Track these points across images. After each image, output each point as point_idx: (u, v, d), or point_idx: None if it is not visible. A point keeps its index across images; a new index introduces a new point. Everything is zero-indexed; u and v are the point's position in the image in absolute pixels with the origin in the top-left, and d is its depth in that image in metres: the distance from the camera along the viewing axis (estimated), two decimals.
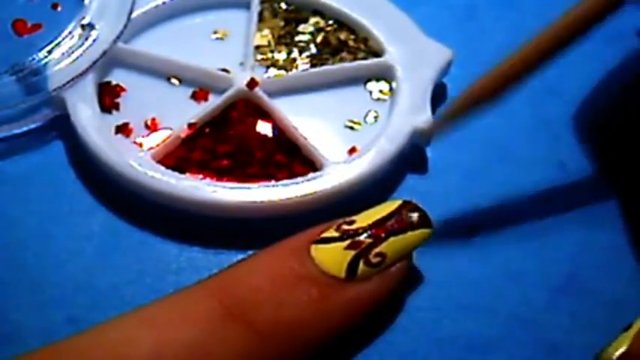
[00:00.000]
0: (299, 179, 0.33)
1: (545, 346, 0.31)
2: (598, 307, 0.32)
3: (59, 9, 0.38)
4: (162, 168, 0.33)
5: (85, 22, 0.37)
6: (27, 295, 0.31)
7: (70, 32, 0.36)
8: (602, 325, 0.31)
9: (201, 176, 0.34)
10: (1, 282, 0.31)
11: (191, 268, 0.32)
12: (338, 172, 0.33)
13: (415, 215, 0.30)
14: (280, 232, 0.30)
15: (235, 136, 0.35)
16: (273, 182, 0.33)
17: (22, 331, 0.30)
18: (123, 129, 0.35)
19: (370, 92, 0.37)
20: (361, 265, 0.29)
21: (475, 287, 0.32)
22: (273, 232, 0.30)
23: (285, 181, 0.33)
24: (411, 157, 0.35)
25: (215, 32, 0.39)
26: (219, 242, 0.33)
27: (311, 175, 0.33)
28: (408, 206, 0.30)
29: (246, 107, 0.36)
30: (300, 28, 0.39)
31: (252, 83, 0.36)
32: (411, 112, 0.35)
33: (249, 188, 0.33)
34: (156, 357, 0.26)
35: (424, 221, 0.30)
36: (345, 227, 0.29)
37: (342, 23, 0.39)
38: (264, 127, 0.35)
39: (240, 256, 0.30)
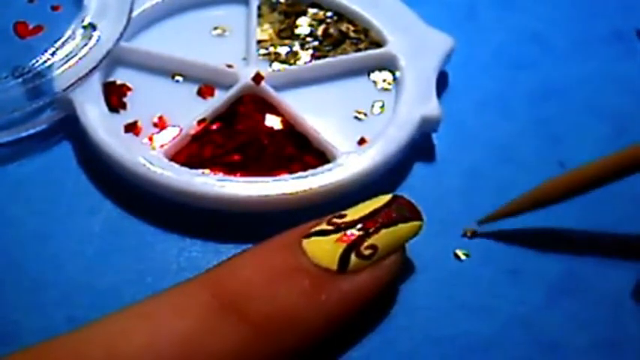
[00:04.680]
0: (314, 171, 0.33)
1: (545, 346, 0.31)
2: (598, 307, 0.32)
3: (60, 10, 0.38)
4: (176, 165, 0.33)
5: (86, 22, 0.37)
6: (27, 295, 0.31)
7: (72, 33, 0.36)
8: (602, 325, 0.31)
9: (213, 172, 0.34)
10: (1, 282, 0.31)
11: (191, 268, 0.32)
12: (351, 163, 0.33)
13: (406, 208, 0.30)
14: (292, 227, 0.30)
15: (244, 130, 0.35)
16: (287, 175, 0.33)
17: (21, 331, 0.30)
18: (132, 128, 0.35)
19: (374, 82, 0.37)
20: (353, 257, 0.29)
21: (475, 287, 0.32)
22: (284, 227, 0.30)
23: (300, 174, 0.33)
24: (420, 146, 0.36)
25: (215, 28, 0.39)
26: (223, 239, 0.33)
27: (326, 166, 0.33)
28: (398, 199, 0.31)
29: (253, 102, 0.36)
30: (300, 21, 0.39)
31: (257, 78, 0.36)
32: (418, 101, 0.35)
33: (263, 182, 0.33)
34: (149, 349, 0.26)
35: (415, 214, 0.30)
36: (336, 220, 0.30)
37: (342, 15, 0.39)
38: (272, 121, 0.36)
39: None
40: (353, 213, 0.30)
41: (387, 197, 0.31)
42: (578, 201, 0.32)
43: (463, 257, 0.33)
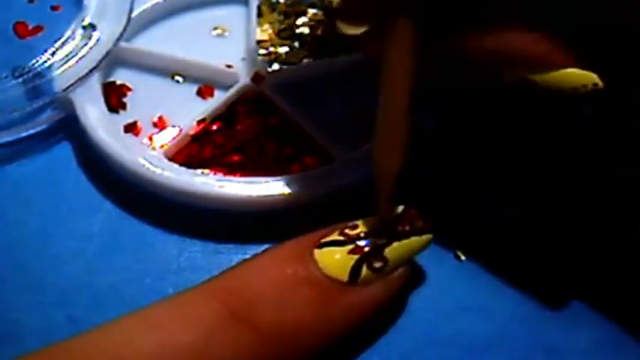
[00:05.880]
0: (313, 172, 0.33)
1: (545, 346, 0.31)
2: (598, 307, 0.32)
3: (60, 10, 0.38)
4: (176, 165, 0.33)
5: (85, 22, 0.37)
6: (27, 295, 0.31)
7: (72, 33, 0.36)
8: (602, 325, 0.31)
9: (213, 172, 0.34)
10: (2, 281, 0.31)
11: (191, 268, 0.32)
12: (351, 163, 0.33)
13: (417, 221, 0.30)
14: (293, 227, 0.30)
15: (244, 131, 0.35)
16: (287, 175, 0.33)
17: (22, 330, 0.30)
18: (131, 128, 0.35)
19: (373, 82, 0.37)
20: (364, 269, 0.29)
21: (475, 287, 0.32)
22: (283, 227, 0.30)
23: (299, 174, 0.33)
24: None
25: (215, 28, 0.39)
26: (223, 239, 0.33)
27: (325, 166, 0.33)
28: (409, 211, 0.30)
29: (253, 102, 0.36)
30: (300, 21, 0.39)
31: (257, 78, 0.36)
32: None
33: (263, 182, 0.33)
34: (156, 358, 0.26)
35: (426, 227, 0.30)
36: (349, 232, 0.30)
37: None
38: (272, 121, 0.36)
39: (242, 256, 0.30)
40: (365, 224, 0.30)
41: (398, 209, 0.30)
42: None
43: (463, 257, 0.33)
